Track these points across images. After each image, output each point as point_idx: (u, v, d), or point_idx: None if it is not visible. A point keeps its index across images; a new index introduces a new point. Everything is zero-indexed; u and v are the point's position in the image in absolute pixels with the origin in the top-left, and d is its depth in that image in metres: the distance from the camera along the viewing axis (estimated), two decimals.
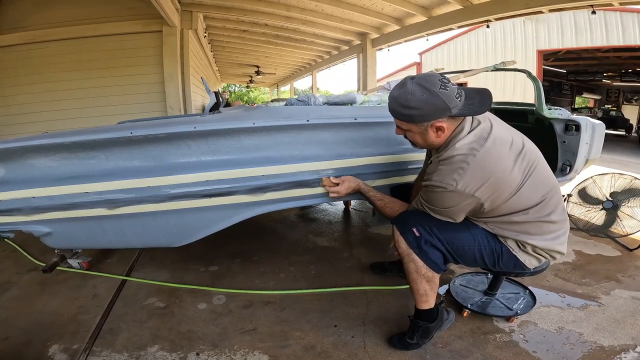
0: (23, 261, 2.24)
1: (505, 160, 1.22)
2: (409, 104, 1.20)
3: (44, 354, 1.44)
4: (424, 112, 1.20)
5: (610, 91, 18.95)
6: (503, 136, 1.26)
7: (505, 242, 1.35)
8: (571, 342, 1.50)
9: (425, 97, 1.18)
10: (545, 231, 1.32)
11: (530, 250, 1.34)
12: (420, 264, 1.34)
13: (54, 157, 1.55)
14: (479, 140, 1.22)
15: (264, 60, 11.02)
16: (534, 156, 1.28)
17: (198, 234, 1.71)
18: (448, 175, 1.22)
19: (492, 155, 1.21)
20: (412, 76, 1.24)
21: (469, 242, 1.35)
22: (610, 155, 7.29)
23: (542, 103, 2.52)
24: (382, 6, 5.67)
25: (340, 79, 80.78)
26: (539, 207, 1.27)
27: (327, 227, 2.85)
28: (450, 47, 15.35)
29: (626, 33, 9.80)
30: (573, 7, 4.69)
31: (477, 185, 1.20)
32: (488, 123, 1.28)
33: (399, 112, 1.25)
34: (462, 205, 1.26)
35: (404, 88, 1.22)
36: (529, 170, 1.24)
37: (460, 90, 1.22)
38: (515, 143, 1.26)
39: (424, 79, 1.20)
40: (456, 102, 1.19)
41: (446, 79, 1.21)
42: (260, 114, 1.74)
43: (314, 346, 1.50)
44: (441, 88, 1.17)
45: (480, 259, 1.37)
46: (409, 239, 1.34)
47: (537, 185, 1.26)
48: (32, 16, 4.44)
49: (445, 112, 1.20)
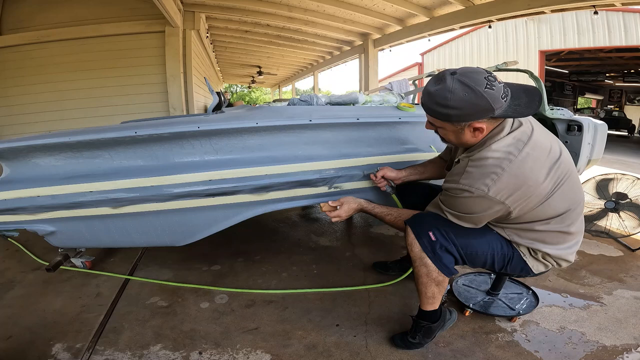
0: (27, 260, 2.25)
1: (541, 169, 1.14)
2: (447, 102, 1.10)
3: (47, 353, 1.44)
4: (464, 113, 1.10)
5: (613, 92, 18.92)
6: (542, 142, 1.18)
7: (518, 247, 1.31)
8: (573, 342, 1.50)
9: (467, 97, 1.08)
10: (561, 241, 1.27)
11: (540, 257, 1.31)
12: (432, 268, 1.29)
13: (58, 156, 1.56)
14: (517, 143, 1.14)
15: (266, 61, 11.04)
16: (568, 167, 1.20)
17: (201, 233, 1.72)
18: (479, 180, 1.13)
19: (528, 162, 1.13)
20: (453, 71, 1.12)
21: (483, 248, 1.30)
22: (613, 155, 7.27)
23: (544, 103, 2.52)
24: (383, 6, 5.68)
25: (341, 80, 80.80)
26: (562, 217, 1.22)
27: (329, 227, 2.85)
28: (452, 48, 15.34)
29: (628, 33, 9.78)
30: (575, 8, 4.69)
31: (510, 192, 1.13)
32: (529, 126, 1.20)
33: (434, 110, 1.15)
34: (489, 212, 1.19)
35: (443, 84, 1.10)
36: (561, 180, 1.17)
37: (507, 88, 1.11)
38: (553, 151, 1.18)
39: (468, 76, 1.09)
40: (501, 102, 1.09)
41: (493, 76, 1.09)
42: (263, 114, 1.75)
43: (316, 345, 1.50)
44: (487, 87, 1.06)
45: (490, 263, 1.34)
46: (423, 243, 1.28)
47: (565, 197, 1.19)
48: (35, 16, 4.46)
49: (487, 114, 1.10)
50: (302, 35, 7.47)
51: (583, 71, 16.04)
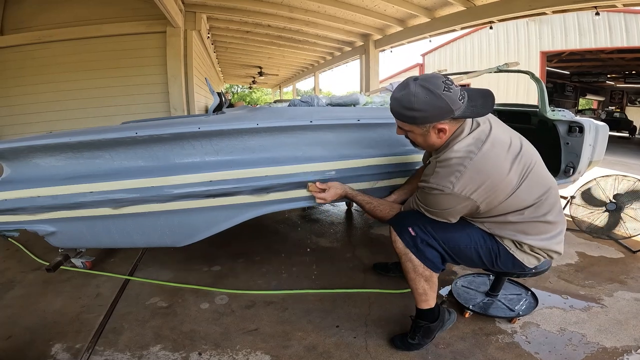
0: (27, 260, 2.25)
1: (503, 163, 1.22)
2: (412, 105, 1.19)
3: (47, 353, 1.44)
4: (427, 114, 1.20)
5: (614, 93, 18.89)
6: (501, 138, 1.26)
7: (502, 241, 1.36)
8: (573, 344, 1.50)
9: (428, 99, 1.17)
10: (541, 231, 1.32)
11: (527, 250, 1.35)
12: (417, 263, 1.35)
13: (59, 156, 1.56)
14: (476, 142, 1.23)
15: (267, 61, 11.05)
16: (531, 158, 1.28)
17: (202, 234, 1.72)
18: (445, 178, 1.22)
19: (489, 158, 1.21)
20: (415, 77, 1.23)
21: (465, 242, 1.35)
22: (614, 157, 7.26)
23: (545, 104, 2.52)
24: (384, 7, 5.68)
25: (342, 80, 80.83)
26: (534, 207, 1.28)
27: (329, 228, 2.85)
28: (453, 49, 15.35)
29: (630, 34, 9.78)
30: (576, 9, 4.69)
31: (474, 188, 1.21)
32: (487, 125, 1.28)
33: (401, 113, 1.24)
34: (458, 208, 1.27)
35: (407, 89, 1.20)
36: (526, 172, 1.25)
37: (463, 92, 1.22)
38: (513, 145, 1.26)
39: (428, 80, 1.19)
40: (459, 104, 1.19)
41: (449, 80, 1.20)
42: (264, 115, 1.75)
43: (315, 346, 1.50)
44: (444, 90, 1.16)
45: (477, 258, 1.38)
46: (405, 239, 1.35)
47: (533, 187, 1.26)
48: (37, 17, 4.47)
49: (448, 114, 1.19)
50: (303, 35, 7.48)
51: (584, 72, 16.02)
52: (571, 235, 2.69)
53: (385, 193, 1.76)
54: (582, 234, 2.69)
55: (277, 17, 6.01)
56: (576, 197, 2.81)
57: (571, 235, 2.68)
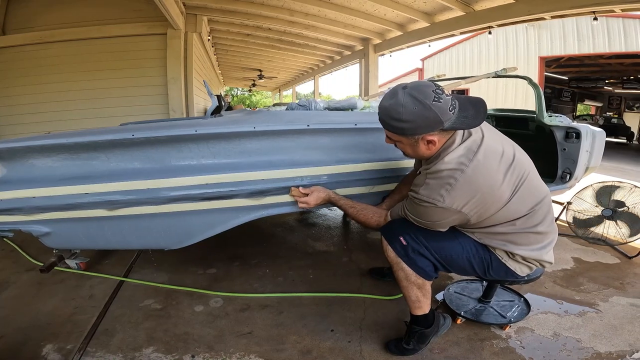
0: (21, 261, 2.25)
1: (495, 175, 1.19)
2: (400, 116, 1.14)
3: (39, 354, 1.44)
4: (416, 126, 1.15)
5: (612, 98, 18.99)
6: (494, 148, 1.22)
7: (494, 251, 1.34)
8: (568, 349, 1.49)
9: (417, 110, 1.12)
10: (532, 241, 1.30)
11: (519, 259, 1.34)
12: (409, 272, 1.33)
13: (55, 157, 1.55)
14: (468, 153, 1.19)
15: (267, 65, 11.09)
16: (524, 168, 1.24)
17: (197, 237, 1.71)
18: (435, 191, 1.19)
19: (480, 170, 1.17)
20: (404, 85, 1.17)
21: (457, 251, 1.33)
22: (611, 163, 7.28)
23: (542, 110, 2.53)
24: (384, 12, 5.71)
25: (342, 84, 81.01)
26: (526, 218, 1.25)
27: (326, 232, 2.85)
28: (452, 53, 15.41)
29: (628, 39, 9.83)
30: (575, 14, 4.71)
31: (464, 201, 1.18)
32: (479, 134, 1.24)
33: (389, 124, 1.20)
34: (447, 220, 1.26)
35: (395, 99, 1.15)
36: (519, 182, 1.22)
37: (455, 101, 1.16)
38: (506, 154, 1.22)
39: (417, 89, 1.13)
40: (449, 115, 1.14)
41: (440, 89, 1.15)
42: (261, 118, 1.75)
43: (310, 351, 1.49)
44: (434, 100, 1.11)
45: (470, 267, 1.36)
46: (396, 248, 1.33)
47: (526, 198, 1.23)
48: (39, 17, 4.49)
49: (437, 126, 1.15)
50: (303, 39, 7.50)
51: (582, 77, 16.10)
52: (567, 240, 2.69)
53: (381, 197, 1.76)
54: (578, 240, 2.70)
55: (278, 20, 6.04)
56: (573, 202, 2.82)
57: (567, 241, 2.68)
